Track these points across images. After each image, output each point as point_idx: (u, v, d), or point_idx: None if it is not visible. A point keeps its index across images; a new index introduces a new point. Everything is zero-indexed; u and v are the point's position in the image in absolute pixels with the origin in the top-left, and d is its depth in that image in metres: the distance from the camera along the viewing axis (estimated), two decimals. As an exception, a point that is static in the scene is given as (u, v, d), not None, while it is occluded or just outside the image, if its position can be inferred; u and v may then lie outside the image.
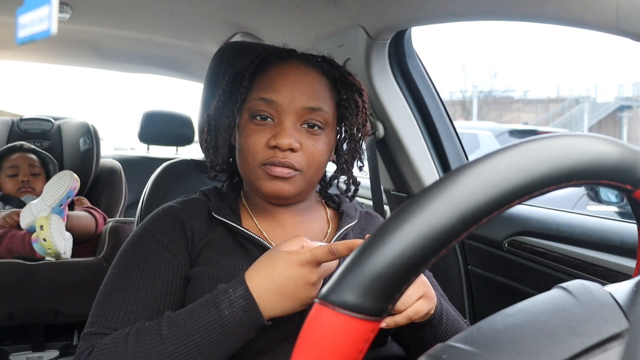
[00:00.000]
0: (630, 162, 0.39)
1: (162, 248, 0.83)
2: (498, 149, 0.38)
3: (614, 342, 0.36)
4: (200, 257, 0.84)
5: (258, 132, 0.84)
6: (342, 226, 0.91)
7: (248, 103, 0.86)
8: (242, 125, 0.86)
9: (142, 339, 0.70)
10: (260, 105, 0.84)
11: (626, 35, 0.79)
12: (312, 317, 0.35)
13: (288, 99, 0.83)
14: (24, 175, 2.13)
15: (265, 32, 1.73)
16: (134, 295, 0.78)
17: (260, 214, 0.91)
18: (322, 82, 0.87)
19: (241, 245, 0.85)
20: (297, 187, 0.85)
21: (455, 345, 0.38)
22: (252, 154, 0.84)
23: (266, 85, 0.85)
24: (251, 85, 0.88)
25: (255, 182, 0.85)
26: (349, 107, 0.89)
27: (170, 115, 2.78)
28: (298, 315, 0.79)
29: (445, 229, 0.34)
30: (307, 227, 0.92)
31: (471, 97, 25.31)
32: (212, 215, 0.87)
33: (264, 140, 0.83)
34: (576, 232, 1.07)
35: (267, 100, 0.84)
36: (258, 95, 0.85)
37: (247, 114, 0.86)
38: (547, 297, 0.41)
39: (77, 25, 1.93)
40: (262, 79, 0.87)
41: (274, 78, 0.85)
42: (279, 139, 0.81)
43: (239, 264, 0.82)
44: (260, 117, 0.84)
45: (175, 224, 0.86)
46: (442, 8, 1.12)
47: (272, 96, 0.83)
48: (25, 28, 0.39)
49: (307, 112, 0.84)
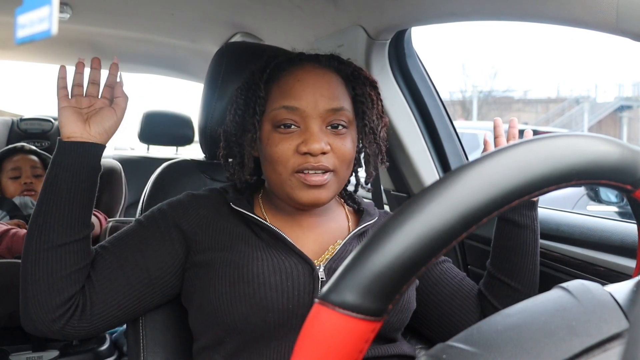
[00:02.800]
0: (630, 162, 0.39)
1: (167, 228, 0.87)
2: (498, 149, 0.38)
3: (614, 342, 0.36)
4: (215, 243, 0.86)
5: (285, 140, 0.83)
6: (362, 223, 0.92)
7: (269, 114, 0.85)
8: (266, 136, 0.85)
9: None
10: (283, 114, 0.83)
11: (626, 35, 0.79)
12: (312, 317, 0.35)
13: (311, 104, 0.83)
14: (27, 177, 2.12)
15: (266, 32, 1.73)
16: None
17: (277, 213, 0.92)
18: (338, 81, 0.88)
19: (255, 234, 0.87)
20: (332, 191, 0.85)
21: (455, 345, 0.38)
22: (282, 162, 0.83)
23: (285, 93, 0.84)
24: (268, 94, 0.87)
25: (290, 191, 0.84)
26: (365, 101, 0.89)
27: (170, 115, 2.78)
28: (307, 304, 0.80)
29: (445, 229, 0.34)
30: (325, 226, 0.92)
31: (471, 97, 25.31)
32: (229, 205, 0.89)
33: (293, 148, 0.83)
34: (576, 232, 1.07)
35: (290, 107, 0.83)
36: (279, 105, 0.84)
37: (269, 125, 0.85)
38: (547, 297, 0.41)
39: (77, 25, 1.93)
40: (278, 87, 0.86)
41: (292, 85, 0.85)
42: (310, 144, 0.81)
43: (253, 249, 0.84)
44: (284, 125, 0.84)
45: (191, 210, 0.89)
46: (442, 8, 1.12)
47: (295, 103, 0.83)
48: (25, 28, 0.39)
49: (331, 114, 0.84)
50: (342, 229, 0.94)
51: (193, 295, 0.86)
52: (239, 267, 0.81)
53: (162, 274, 0.86)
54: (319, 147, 0.81)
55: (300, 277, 0.82)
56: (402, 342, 0.92)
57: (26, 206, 2.08)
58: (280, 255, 0.83)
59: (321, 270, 0.84)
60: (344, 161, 0.85)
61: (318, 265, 0.84)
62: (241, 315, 0.79)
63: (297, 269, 0.82)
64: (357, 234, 0.91)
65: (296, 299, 0.80)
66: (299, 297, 0.81)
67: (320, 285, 0.82)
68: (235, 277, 0.81)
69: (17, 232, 1.80)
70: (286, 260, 0.83)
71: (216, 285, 0.81)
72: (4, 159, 2.14)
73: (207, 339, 0.85)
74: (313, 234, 0.90)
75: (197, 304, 0.85)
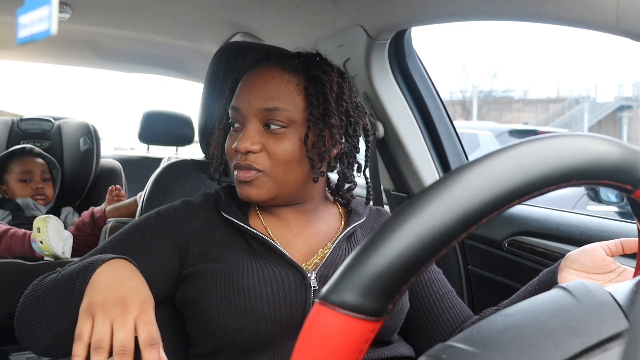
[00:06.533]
0: (630, 162, 0.39)
1: (161, 235, 0.87)
2: (498, 149, 0.38)
3: (614, 342, 0.36)
4: (206, 254, 0.86)
5: (231, 138, 0.88)
6: (349, 224, 0.91)
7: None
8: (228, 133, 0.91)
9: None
10: (232, 113, 0.88)
11: (626, 35, 0.79)
12: (312, 317, 0.35)
13: (245, 103, 0.86)
14: (38, 182, 2.12)
15: (266, 32, 1.73)
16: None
17: (267, 212, 0.92)
18: (284, 81, 0.85)
19: (247, 243, 0.87)
20: (265, 189, 0.85)
21: (455, 345, 0.38)
22: (230, 159, 0.89)
23: (235, 94, 0.89)
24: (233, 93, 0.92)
25: (236, 186, 0.89)
26: (316, 102, 0.84)
27: (170, 115, 2.78)
28: (300, 314, 0.80)
29: (445, 229, 0.34)
30: (314, 227, 0.92)
31: (471, 97, 25.31)
32: (221, 213, 0.89)
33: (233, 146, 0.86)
34: (576, 232, 1.07)
35: (234, 108, 0.88)
36: (230, 105, 0.89)
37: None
38: (547, 297, 0.41)
39: (77, 25, 1.92)
40: (239, 87, 0.90)
41: (241, 85, 0.89)
42: (238, 143, 0.84)
43: (243, 260, 0.84)
44: (233, 124, 0.88)
45: (186, 221, 0.89)
46: (442, 8, 1.12)
47: (235, 103, 0.88)
48: (26, 28, 0.39)
49: (265, 114, 0.84)
50: (333, 230, 0.93)
51: (185, 305, 0.87)
52: (230, 279, 0.81)
53: (155, 292, 0.85)
54: (243, 146, 0.83)
55: (291, 287, 0.82)
56: (400, 343, 0.92)
57: (28, 207, 2.08)
58: (271, 265, 0.83)
59: (313, 278, 0.83)
60: (278, 162, 0.84)
61: (309, 272, 0.84)
62: (234, 328, 0.79)
63: (288, 278, 0.82)
64: (346, 236, 0.90)
65: (288, 310, 0.80)
66: (291, 308, 0.81)
67: (312, 294, 0.82)
68: (226, 289, 0.81)
69: (15, 232, 1.80)
70: (277, 269, 0.83)
71: (207, 297, 0.81)
72: (12, 160, 2.14)
73: (203, 347, 0.85)
74: (303, 237, 0.90)
75: (190, 313, 0.86)
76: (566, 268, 0.82)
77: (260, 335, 0.80)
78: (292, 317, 0.80)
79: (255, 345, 0.80)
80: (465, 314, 0.95)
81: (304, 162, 0.85)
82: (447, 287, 0.97)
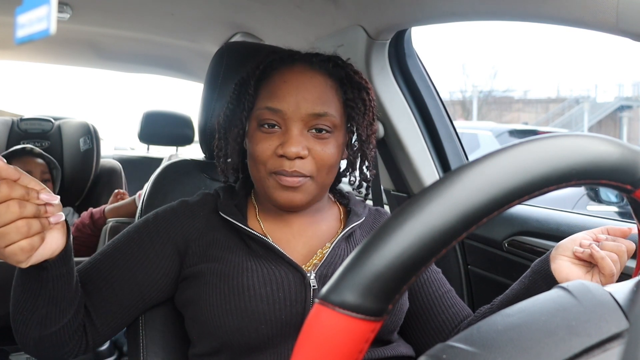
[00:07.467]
0: (630, 162, 0.39)
1: (155, 238, 0.87)
2: (498, 149, 0.37)
3: (614, 342, 0.36)
4: (205, 255, 0.86)
5: (266, 140, 0.84)
6: (348, 224, 0.91)
7: (255, 112, 0.86)
8: (251, 133, 0.86)
9: None
10: (266, 114, 0.84)
11: (626, 35, 0.79)
12: (312, 317, 0.35)
13: (293, 106, 0.83)
14: None
15: (266, 32, 1.73)
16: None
17: (268, 214, 0.92)
18: (327, 85, 0.86)
19: (245, 243, 0.87)
20: (309, 194, 0.85)
21: (455, 345, 0.38)
22: (262, 162, 0.84)
23: (271, 94, 0.85)
24: (257, 92, 0.87)
25: (267, 190, 0.85)
26: (355, 107, 0.88)
27: (170, 115, 2.77)
28: (299, 314, 0.80)
29: (445, 229, 0.34)
30: (314, 228, 0.92)
31: (471, 97, 25.31)
32: (219, 213, 0.88)
33: (272, 148, 0.83)
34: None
35: (272, 109, 0.83)
36: (264, 105, 0.84)
37: (255, 122, 0.86)
38: (547, 297, 0.41)
39: (77, 25, 1.92)
40: (267, 86, 0.86)
41: (278, 85, 0.85)
42: (286, 147, 0.81)
43: (243, 260, 0.84)
44: (267, 125, 0.84)
45: (185, 222, 0.89)
46: (442, 8, 1.12)
47: (277, 105, 0.83)
48: (24, 28, 0.39)
49: (314, 118, 0.83)
50: (333, 231, 0.93)
51: (185, 305, 0.87)
52: (230, 279, 0.81)
53: (155, 294, 0.87)
54: (294, 151, 0.81)
55: (291, 287, 0.82)
56: (399, 343, 0.92)
57: None
58: (270, 265, 0.83)
59: (312, 277, 0.83)
60: (323, 166, 0.84)
61: (309, 272, 0.84)
62: (233, 328, 0.79)
63: (287, 278, 0.82)
64: (345, 237, 0.90)
65: (288, 310, 0.80)
66: (291, 308, 0.81)
67: (312, 293, 0.82)
68: (226, 290, 0.81)
69: None
70: (277, 269, 0.83)
71: (207, 297, 0.81)
72: (12, 160, 2.14)
73: (203, 347, 0.86)
74: (303, 237, 0.90)
75: (190, 313, 0.86)
76: (559, 256, 0.83)
77: (260, 335, 0.80)
78: (292, 317, 0.81)
79: (255, 345, 0.80)
80: (464, 313, 0.95)
81: (338, 165, 0.89)
82: (446, 287, 0.97)
